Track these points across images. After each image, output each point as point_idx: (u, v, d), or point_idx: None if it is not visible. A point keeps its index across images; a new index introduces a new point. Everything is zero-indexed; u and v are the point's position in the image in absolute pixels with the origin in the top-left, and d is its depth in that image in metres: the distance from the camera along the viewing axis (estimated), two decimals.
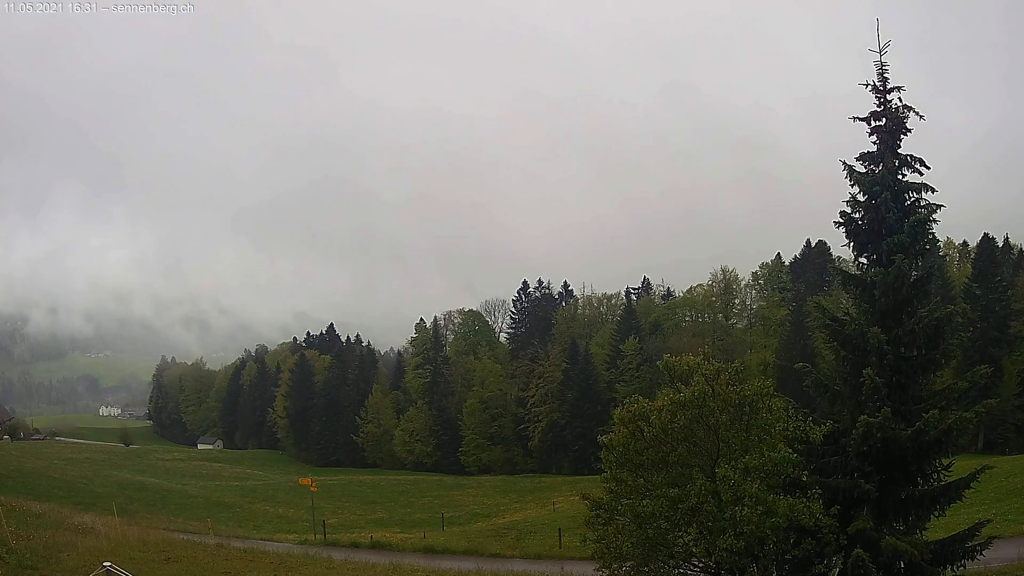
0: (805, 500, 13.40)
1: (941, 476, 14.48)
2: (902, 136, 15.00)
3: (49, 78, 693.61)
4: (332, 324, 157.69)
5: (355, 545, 34.36)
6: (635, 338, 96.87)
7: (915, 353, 14.51)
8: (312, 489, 44.83)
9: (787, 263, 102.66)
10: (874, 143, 15.15)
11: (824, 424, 14.44)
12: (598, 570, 14.75)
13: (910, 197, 15.07)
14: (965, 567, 14.61)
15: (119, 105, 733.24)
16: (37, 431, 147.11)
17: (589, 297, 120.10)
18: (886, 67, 14.95)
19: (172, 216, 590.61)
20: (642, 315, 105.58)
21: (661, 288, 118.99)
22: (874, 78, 15.03)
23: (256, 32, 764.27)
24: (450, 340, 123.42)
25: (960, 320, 14.81)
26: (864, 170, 15.22)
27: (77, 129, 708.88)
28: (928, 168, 14.98)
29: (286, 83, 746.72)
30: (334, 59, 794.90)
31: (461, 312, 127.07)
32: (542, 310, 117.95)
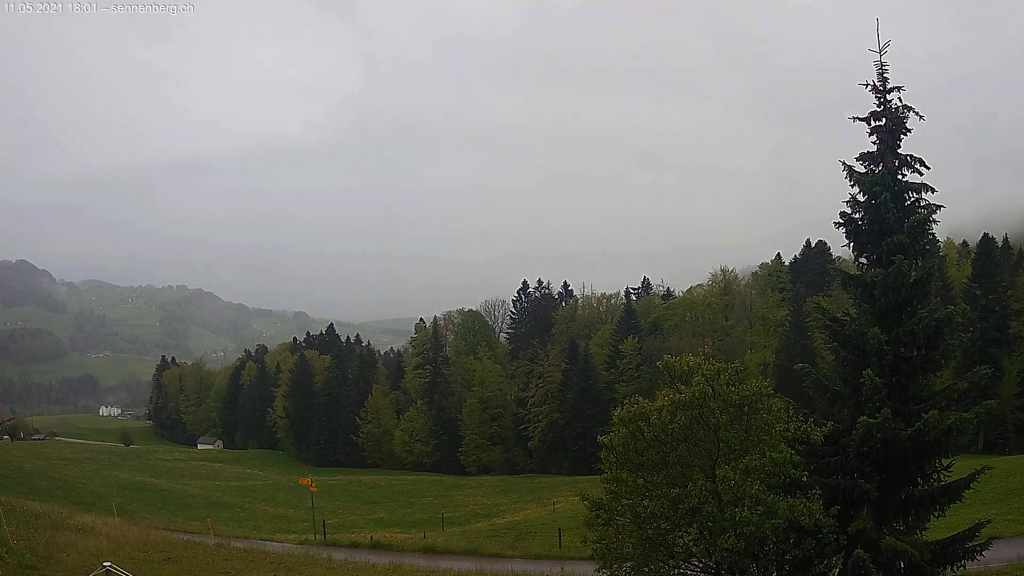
0: (805, 500, 13.39)
1: (941, 476, 14.48)
2: (902, 136, 15.01)
3: None
4: (332, 324, 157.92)
5: (355, 545, 34.36)
6: (635, 338, 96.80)
7: (915, 353, 14.50)
8: (312, 489, 44.79)
9: (787, 263, 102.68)
10: (874, 143, 15.16)
11: (824, 425, 14.43)
12: (598, 570, 14.74)
13: (910, 197, 15.07)
14: (965, 567, 14.61)
15: None
16: (37, 431, 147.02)
17: (589, 297, 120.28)
18: (886, 67, 14.96)
19: None
20: (642, 315, 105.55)
21: (661, 288, 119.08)
22: (874, 78, 15.04)
23: None
24: (450, 340, 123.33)
25: (960, 320, 14.79)
26: (864, 170, 15.23)
27: None
28: (928, 168, 15.00)
29: None
30: None
31: (461, 312, 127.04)
32: (542, 310, 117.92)
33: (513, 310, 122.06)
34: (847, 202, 15.25)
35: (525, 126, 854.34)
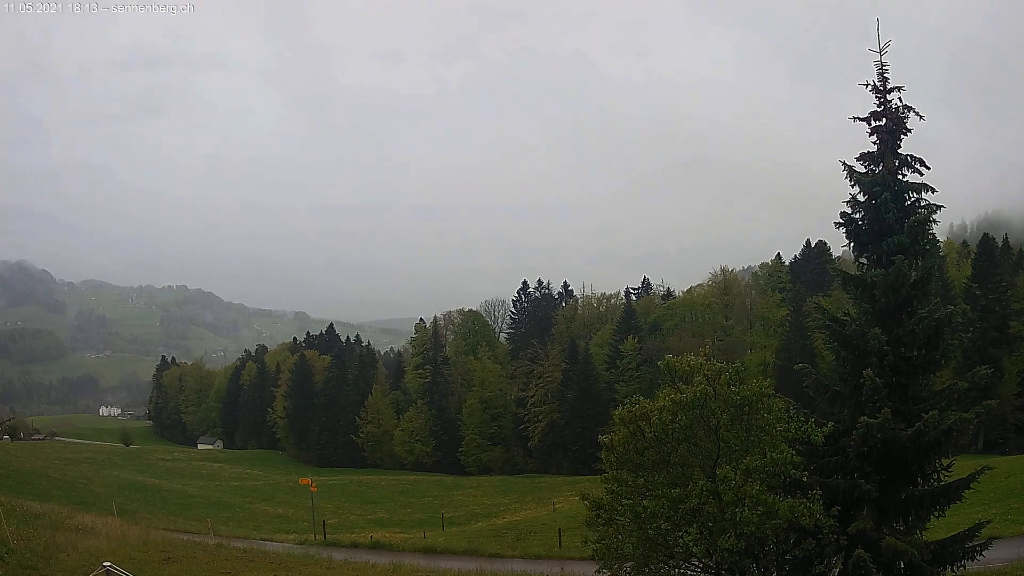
0: (805, 501, 13.38)
1: (941, 476, 14.48)
2: (902, 136, 15.01)
3: None
4: (332, 324, 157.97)
5: (355, 545, 34.35)
6: (635, 338, 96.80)
7: (915, 353, 14.49)
8: (312, 489, 44.78)
9: (787, 263, 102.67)
10: (874, 143, 15.16)
11: (824, 425, 14.43)
12: (598, 570, 14.75)
13: (910, 197, 15.07)
14: (965, 567, 14.61)
15: None
16: (37, 431, 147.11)
17: (589, 297, 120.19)
18: (886, 67, 14.96)
19: None
20: (642, 315, 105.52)
21: (661, 288, 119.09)
22: (874, 78, 15.04)
23: None
24: (450, 340, 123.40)
25: (960, 320, 14.79)
26: (864, 170, 15.23)
27: None
28: (928, 168, 15.00)
29: None
30: None
31: (461, 312, 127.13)
32: (542, 310, 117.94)
33: (513, 310, 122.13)
34: (847, 202, 15.24)
35: None
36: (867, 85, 15.07)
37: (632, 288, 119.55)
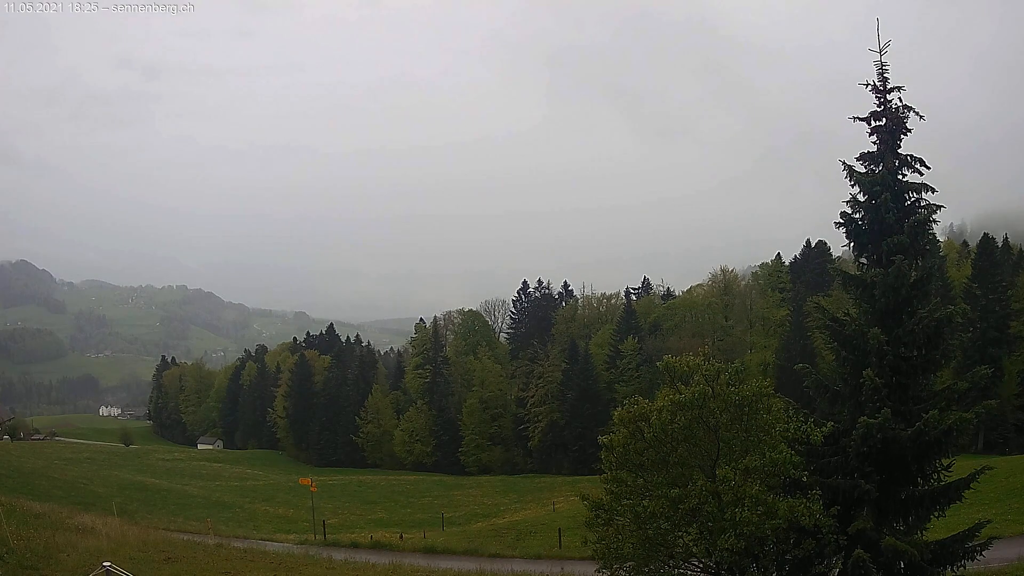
0: (805, 501, 13.41)
1: (941, 476, 14.47)
2: (902, 136, 15.02)
3: None
4: (332, 324, 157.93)
5: (355, 545, 34.29)
6: (635, 338, 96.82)
7: (915, 353, 14.50)
8: (312, 489, 44.78)
9: (787, 263, 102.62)
10: (874, 143, 15.16)
11: (824, 425, 14.43)
12: (598, 570, 14.76)
13: (910, 197, 15.07)
14: (965, 567, 14.60)
15: None
16: (37, 431, 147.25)
17: (589, 297, 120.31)
18: (886, 67, 14.96)
19: None
20: (642, 315, 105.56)
21: (661, 288, 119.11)
22: (874, 78, 15.04)
23: None
24: (450, 340, 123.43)
25: (960, 320, 14.81)
26: (864, 170, 15.23)
27: None
28: (928, 168, 15.00)
29: None
30: None
31: (461, 312, 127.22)
32: (542, 310, 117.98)
33: (513, 310, 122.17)
34: (847, 202, 15.24)
35: None
36: (867, 85, 15.08)
37: (632, 288, 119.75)
